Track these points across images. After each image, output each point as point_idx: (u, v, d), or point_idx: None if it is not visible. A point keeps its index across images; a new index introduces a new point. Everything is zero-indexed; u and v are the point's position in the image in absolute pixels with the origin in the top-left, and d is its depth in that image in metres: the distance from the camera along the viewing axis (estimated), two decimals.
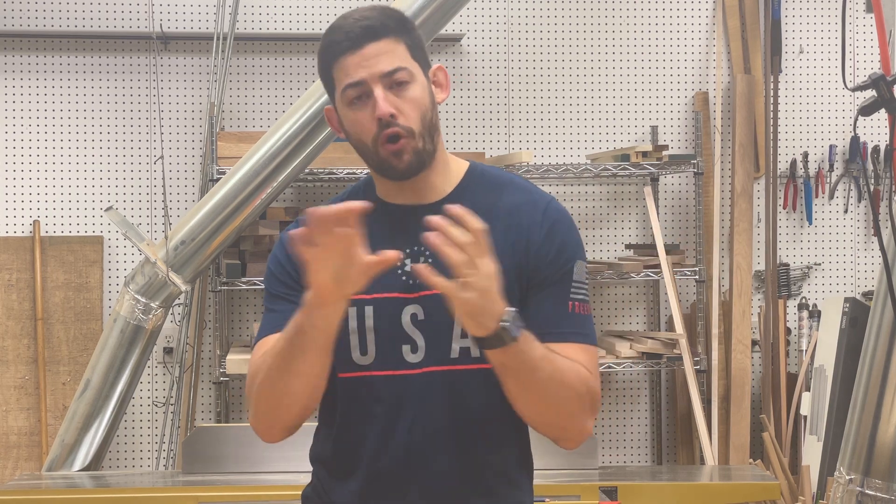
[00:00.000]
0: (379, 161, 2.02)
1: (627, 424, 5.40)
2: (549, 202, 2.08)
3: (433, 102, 2.04)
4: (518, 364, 1.90)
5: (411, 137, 1.99)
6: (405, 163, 2.00)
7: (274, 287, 2.11)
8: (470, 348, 2.01)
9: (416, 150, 2.00)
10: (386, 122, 1.98)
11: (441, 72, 2.09)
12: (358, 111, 2.01)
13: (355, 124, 2.02)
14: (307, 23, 5.29)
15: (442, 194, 2.07)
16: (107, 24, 5.20)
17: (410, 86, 2.00)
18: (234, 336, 5.19)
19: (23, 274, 5.12)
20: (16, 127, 5.19)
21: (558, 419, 2.00)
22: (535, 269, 2.02)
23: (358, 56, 1.99)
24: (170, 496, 3.84)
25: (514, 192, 2.09)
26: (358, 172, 4.89)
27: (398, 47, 2.00)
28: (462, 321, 1.85)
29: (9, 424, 5.07)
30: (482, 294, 1.81)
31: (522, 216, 2.05)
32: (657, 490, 3.88)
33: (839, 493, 2.56)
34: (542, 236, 2.04)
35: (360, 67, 1.99)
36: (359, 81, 1.99)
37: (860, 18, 5.49)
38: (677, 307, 5.02)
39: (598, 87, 5.43)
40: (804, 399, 5.17)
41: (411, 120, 1.99)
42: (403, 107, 1.99)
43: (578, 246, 2.07)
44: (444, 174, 2.08)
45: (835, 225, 5.51)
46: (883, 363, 2.52)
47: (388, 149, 1.99)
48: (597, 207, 5.42)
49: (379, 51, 1.99)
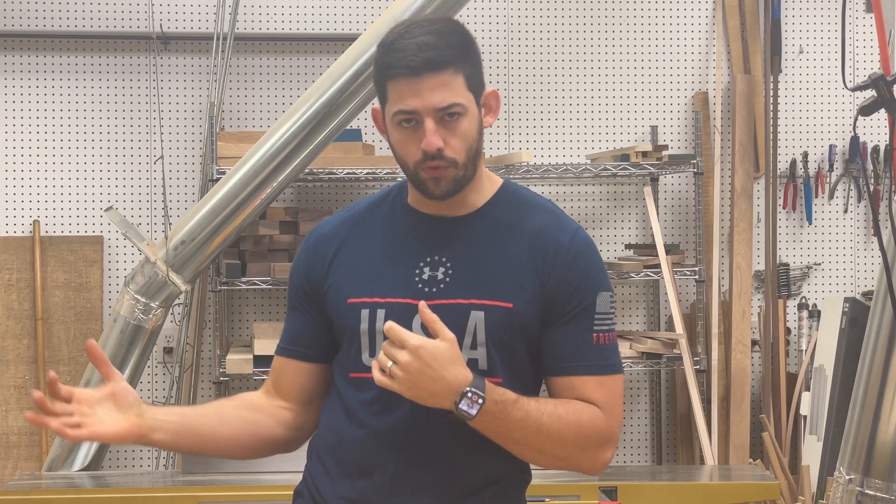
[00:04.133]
0: (418, 182, 2.02)
1: (627, 424, 5.40)
2: (576, 231, 2.08)
3: (480, 131, 2.04)
4: (494, 429, 1.95)
5: (454, 167, 1.99)
6: (442, 189, 2.01)
7: (291, 291, 2.19)
8: (478, 360, 2.02)
9: (456, 179, 2.01)
10: (431, 154, 1.97)
11: (493, 97, 2.08)
12: (405, 135, 2.00)
13: (401, 145, 2.01)
14: (307, 23, 5.29)
15: (472, 208, 2.08)
16: (107, 24, 5.20)
17: (462, 118, 1.99)
18: (234, 336, 5.19)
19: (23, 274, 5.12)
20: (16, 127, 5.19)
21: (558, 463, 2.05)
22: (556, 297, 2.03)
23: (415, 85, 1.96)
24: (170, 496, 3.83)
25: (542, 214, 2.09)
26: (358, 172, 4.89)
27: (456, 80, 1.98)
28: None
29: (9, 424, 5.08)
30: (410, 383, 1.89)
31: (547, 239, 2.05)
32: (657, 490, 3.88)
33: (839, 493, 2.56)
34: (566, 264, 2.04)
35: (415, 97, 1.96)
36: (412, 111, 1.97)
37: (860, 18, 5.49)
38: (677, 307, 5.02)
39: (598, 87, 5.43)
40: (804, 399, 5.17)
41: (457, 152, 1.99)
42: (452, 140, 1.98)
43: (603, 277, 2.07)
44: (478, 191, 2.09)
45: (835, 225, 5.51)
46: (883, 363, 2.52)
47: (430, 173, 1.99)
48: (597, 207, 5.42)
49: (436, 84, 1.96)
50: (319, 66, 5.23)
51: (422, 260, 2.04)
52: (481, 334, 2.01)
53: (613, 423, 2.04)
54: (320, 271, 2.10)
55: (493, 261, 2.04)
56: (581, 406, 2.01)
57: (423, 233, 2.07)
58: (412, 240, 2.06)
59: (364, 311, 2.03)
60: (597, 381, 2.03)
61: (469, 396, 1.90)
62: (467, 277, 2.02)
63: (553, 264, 2.03)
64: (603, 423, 2.02)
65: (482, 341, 2.01)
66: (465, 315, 2.01)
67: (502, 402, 1.93)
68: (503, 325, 2.01)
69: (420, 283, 2.03)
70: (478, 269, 2.03)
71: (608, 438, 2.03)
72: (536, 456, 2.02)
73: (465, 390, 1.90)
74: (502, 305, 2.01)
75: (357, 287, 2.05)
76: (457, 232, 2.06)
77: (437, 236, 2.05)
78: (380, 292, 2.01)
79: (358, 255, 2.08)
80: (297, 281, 2.16)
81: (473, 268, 2.03)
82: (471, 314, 2.01)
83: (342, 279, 2.07)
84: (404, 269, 2.04)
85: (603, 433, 2.02)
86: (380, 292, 2.01)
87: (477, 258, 2.04)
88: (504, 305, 2.01)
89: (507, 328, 2.01)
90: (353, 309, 2.04)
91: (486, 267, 2.03)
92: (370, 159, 4.95)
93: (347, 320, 2.05)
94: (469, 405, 1.90)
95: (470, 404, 1.90)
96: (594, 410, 2.01)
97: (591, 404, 2.02)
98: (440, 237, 2.06)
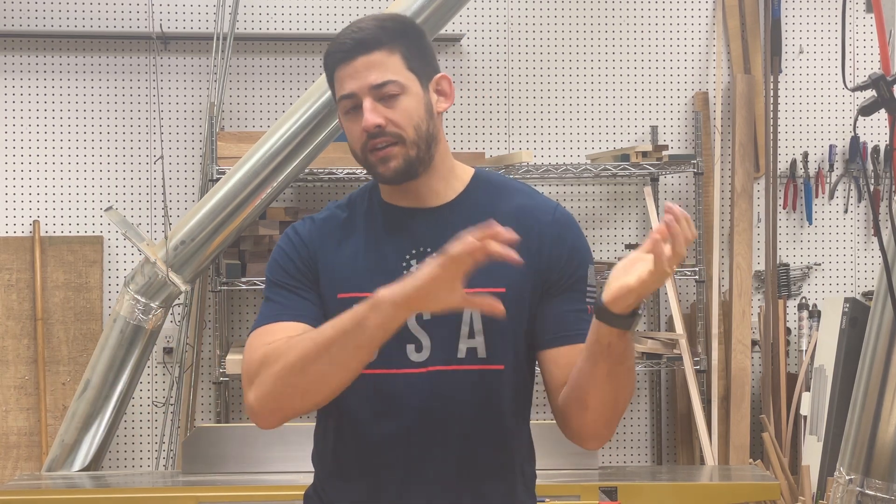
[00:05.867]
0: (368, 166, 2.07)
1: (627, 424, 5.40)
2: (556, 207, 2.11)
3: (430, 112, 2.05)
4: (623, 347, 1.90)
5: (402, 145, 2.02)
6: (391, 169, 2.03)
7: (279, 276, 2.10)
8: (477, 349, 2.02)
9: (406, 158, 2.02)
10: (373, 133, 2.01)
11: (445, 80, 2.10)
12: (351, 122, 2.06)
13: (349, 133, 2.07)
14: (307, 23, 5.29)
15: (445, 199, 2.09)
16: (107, 24, 5.20)
17: (401, 98, 2.02)
18: (234, 336, 5.19)
19: (23, 274, 5.12)
20: (16, 127, 5.19)
21: (615, 414, 2.00)
22: (548, 272, 2.04)
23: (350, 68, 2.03)
24: (170, 496, 3.84)
25: (519, 196, 2.11)
26: (358, 172, 4.89)
27: (391, 59, 2.02)
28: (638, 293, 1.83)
29: (9, 424, 5.07)
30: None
31: (531, 220, 2.06)
32: (657, 490, 3.88)
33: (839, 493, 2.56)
34: (553, 241, 2.06)
35: (351, 79, 2.03)
36: (350, 94, 2.03)
37: (860, 18, 5.49)
38: (677, 307, 5.02)
39: (598, 87, 5.43)
40: (804, 399, 5.17)
41: (401, 128, 2.02)
42: (394, 116, 2.02)
43: (587, 250, 2.11)
44: (447, 180, 2.10)
45: (835, 225, 5.51)
46: (883, 363, 2.52)
47: (376, 155, 2.03)
48: (597, 207, 5.42)
49: (369, 64, 2.02)
50: (319, 66, 5.22)
51: (407, 252, 2.05)
52: (478, 322, 2.02)
53: None
54: (311, 264, 2.08)
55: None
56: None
57: (404, 225, 2.08)
58: (395, 233, 2.08)
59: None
60: None
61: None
62: None
63: (540, 243, 2.05)
64: None
65: (479, 329, 2.02)
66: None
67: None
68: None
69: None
70: None
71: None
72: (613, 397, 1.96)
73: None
74: (495, 291, 1.99)
75: (347, 282, 2.05)
76: (438, 222, 2.07)
77: (420, 227, 2.07)
78: (370, 286, 1.98)
79: (344, 251, 2.08)
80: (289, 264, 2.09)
81: None
82: None
83: (329, 275, 2.07)
84: (391, 262, 2.05)
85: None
86: (370, 286, 1.98)
87: None
88: (497, 290, 1.99)
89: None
90: (345, 304, 2.00)
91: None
92: None
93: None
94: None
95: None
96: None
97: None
98: (423, 228, 2.06)
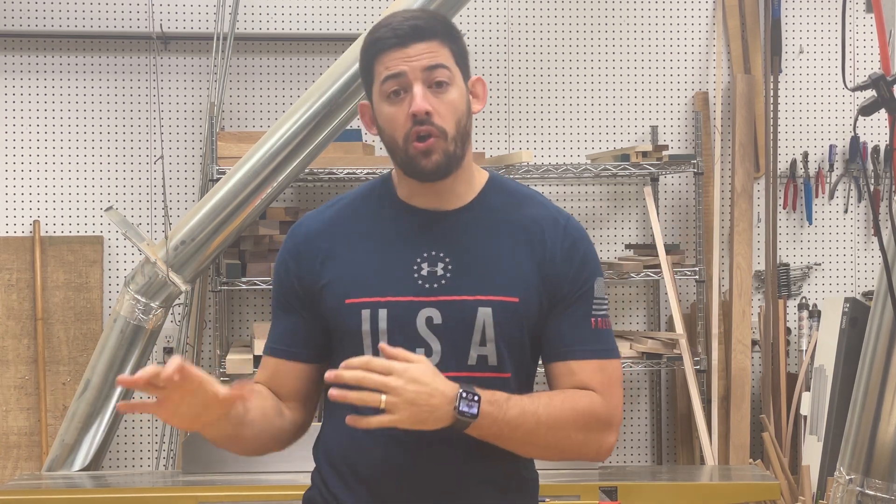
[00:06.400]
0: (407, 159, 2.00)
1: (627, 424, 5.40)
2: (568, 219, 2.10)
3: (469, 111, 2.04)
4: (496, 430, 1.94)
5: (443, 139, 1.99)
6: (433, 163, 1.99)
7: (276, 290, 2.13)
8: (487, 357, 2.02)
9: (446, 153, 1.99)
10: (420, 118, 1.97)
11: (480, 83, 2.10)
12: (394, 106, 2.00)
13: (390, 120, 2.01)
14: (307, 23, 5.29)
15: (463, 202, 2.07)
16: (107, 24, 5.20)
17: (450, 88, 2.00)
18: (234, 336, 5.19)
19: (23, 274, 5.12)
20: (16, 127, 5.19)
21: (562, 454, 2.04)
22: (557, 285, 2.04)
23: (402, 52, 1.98)
24: (170, 496, 3.83)
25: (532, 205, 2.10)
26: (358, 172, 4.89)
27: (443, 50, 2.01)
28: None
29: (9, 424, 5.07)
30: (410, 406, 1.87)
31: (543, 231, 2.06)
32: (657, 490, 3.88)
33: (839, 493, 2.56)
34: (563, 253, 2.05)
35: (402, 61, 1.98)
36: (399, 73, 1.98)
37: (860, 18, 5.49)
38: (677, 307, 5.02)
39: (598, 87, 5.43)
40: (804, 399, 5.17)
41: (447, 122, 1.99)
42: (440, 107, 1.98)
43: (597, 263, 2.10)
44: (468, 182, 2.08)
45: (835, 225, 5.51)
46: (883, 363, 2.52)
47: (418, 147, 1.98)
48: (597, 207, 5.42)
49: (424, 50, 1.99)
50: (319, 66, 5.23)
51: (418, 255, 2.03)
52: (490, 330, 2.01)
53: (613, 406, 2.04)
54: (313, 272, 2.07)
55: (493, 255, 2.03)
56: (575, 393, 2.01)
57: (416, 227, 2.05)
58: (406, 235, 2.05)
59: (365, 312, 2.01)
60: (596, 364, 2.03)
61: (464, 397, 1.90)
62: (469, 273, 2.02)
63: (552, 255, 2.04)
64: (601, 407, 2.02)
65: (491, 337, 2.01)
66: (472, 312, 2.00)
67: (496, 402, 1.93)
68: (511, 320, 2.01)
69: (420, 280, 2.02)
70: (479, 264, 2.03)
71: (608, 422, 2.03)
72: (542, 451, 2.02)
73: (458, 392, 1.90)
74: (509, 300, 2.00)
75: (354, 287, 2.03)
76: (451, 226, 2.05)
77: (432, 231, 2.04)
78: (379, 291, 1.99)
79: (352, 254, 2.06)
80: (286, 281, 2.10)
81: (474, 262, 2.03)
82: (478, 311, 2.00)
83: (337, 279, 2.05)
84: (401, 265, 2.03)
85: (602, 417, 2.02)
86: (379, 291, 1.99)
87: (475, 252, 2.03)
88: (511, 300, 2.00)
89: (515, 323, 2.01)
90: (353, 309, 2.02)
91: (486, 261, 2.03)
92: (370, 159, 4.95)
93: (347, 321, 2.02)
94: (468, 405, 1.90)
95: (469, 404, 1.90)
96: (590, 395, 2.01)
97: (586, 390, 2.02)
98: (435, 231, 2.04)
